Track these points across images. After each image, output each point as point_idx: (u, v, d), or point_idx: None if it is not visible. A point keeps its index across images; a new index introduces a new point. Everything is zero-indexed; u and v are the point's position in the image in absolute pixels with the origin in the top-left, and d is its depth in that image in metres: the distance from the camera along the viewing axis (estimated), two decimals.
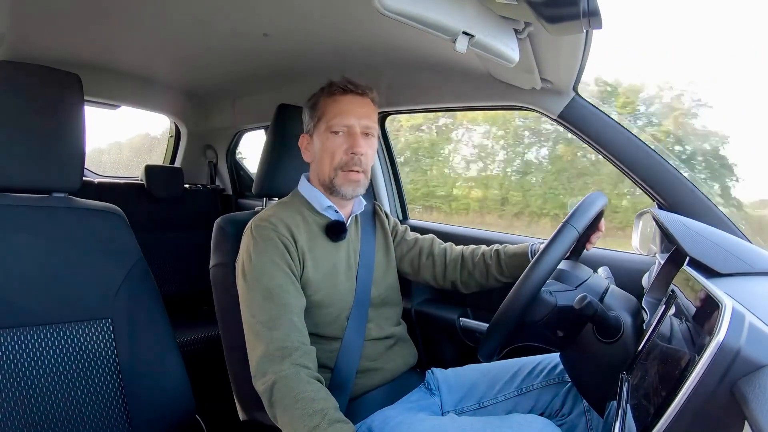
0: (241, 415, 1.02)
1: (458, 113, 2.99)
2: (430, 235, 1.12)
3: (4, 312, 0.80)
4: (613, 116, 1.03)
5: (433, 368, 1.03)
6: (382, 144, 1.56)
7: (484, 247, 1.06)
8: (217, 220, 1.04)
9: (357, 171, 0.92)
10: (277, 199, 1.14)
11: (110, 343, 0.88)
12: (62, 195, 0.92)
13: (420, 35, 0.66)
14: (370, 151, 0.94)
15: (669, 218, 0.84)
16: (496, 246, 1.04)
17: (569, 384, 0.90)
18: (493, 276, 1.02)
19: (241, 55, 1.42)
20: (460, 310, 1.32)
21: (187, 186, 2.12)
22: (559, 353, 0.86)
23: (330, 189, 0.94)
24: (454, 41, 0.65)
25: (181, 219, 2.03)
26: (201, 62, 1.55)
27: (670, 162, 0.99)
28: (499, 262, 1.01)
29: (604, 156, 1.04)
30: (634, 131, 1.01)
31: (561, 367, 0.91)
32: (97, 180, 1.95)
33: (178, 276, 1.91)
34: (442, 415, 0.94)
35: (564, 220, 0.76)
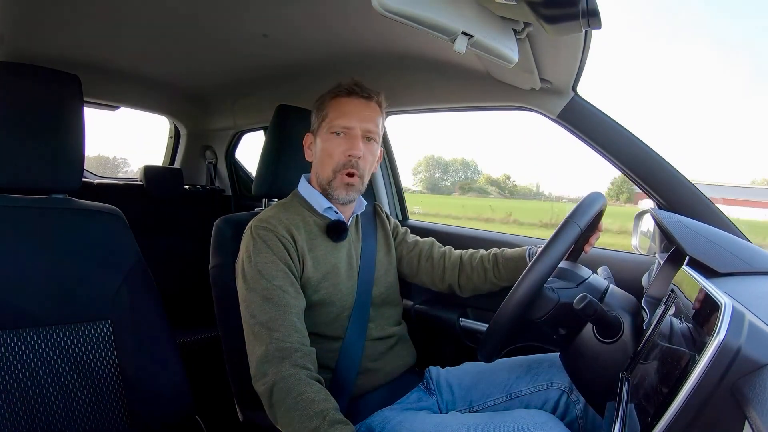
0: (241, 416, 1.02)
1: None
2: (430, 239, 1.12)
3: (4, 313, 0.79)
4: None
5: (432, 368, 1.03)
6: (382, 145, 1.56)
7: (482, 251, 1.06)
8: (217, 221, 1.04)
9: (352, 174, 0.91)
10: (276, 199, 1.14)
11: (110, 344, 0.88)
12: (62, 196, 0.91)
13: (419, 36, 0.66)
14: (369, 156, 0.93)
15: (668, 218, 0.84)
16: (494, 250, 1.05)
17: (569, 384, 0.90)
18: (490, 280, 1.02)
19: (240, 56, 1.42)
20: (461, 310, 1.32)
21: (186, 187, 2.12)
22: (559, 353, 0.86)
23: (326, 191, 0.94)
24: (453, 41, 0.65)
25: (181, 220, 2.02)
26: (200, 63, 1.55)
27: (670, 162, 0.99)
28: (496, 265, 1.02)
29: (604, 156, 1.03)
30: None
31: (561, 367, 0.91)
32: (96, 181, 1.95)
33: (178, 277, 1.90)
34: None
35: (566, 217, 0.76)
